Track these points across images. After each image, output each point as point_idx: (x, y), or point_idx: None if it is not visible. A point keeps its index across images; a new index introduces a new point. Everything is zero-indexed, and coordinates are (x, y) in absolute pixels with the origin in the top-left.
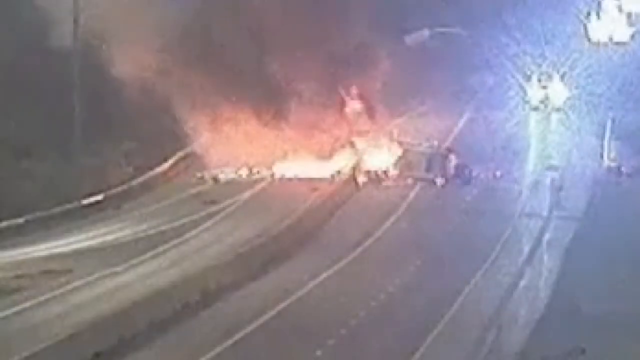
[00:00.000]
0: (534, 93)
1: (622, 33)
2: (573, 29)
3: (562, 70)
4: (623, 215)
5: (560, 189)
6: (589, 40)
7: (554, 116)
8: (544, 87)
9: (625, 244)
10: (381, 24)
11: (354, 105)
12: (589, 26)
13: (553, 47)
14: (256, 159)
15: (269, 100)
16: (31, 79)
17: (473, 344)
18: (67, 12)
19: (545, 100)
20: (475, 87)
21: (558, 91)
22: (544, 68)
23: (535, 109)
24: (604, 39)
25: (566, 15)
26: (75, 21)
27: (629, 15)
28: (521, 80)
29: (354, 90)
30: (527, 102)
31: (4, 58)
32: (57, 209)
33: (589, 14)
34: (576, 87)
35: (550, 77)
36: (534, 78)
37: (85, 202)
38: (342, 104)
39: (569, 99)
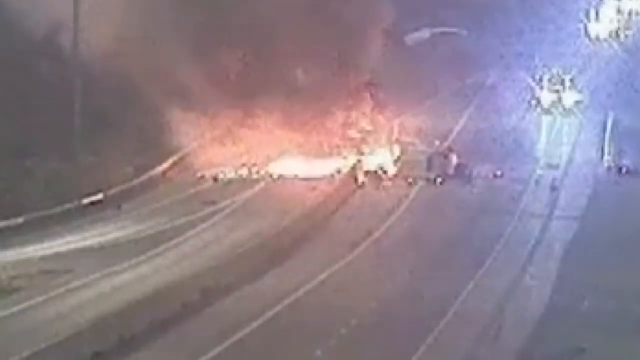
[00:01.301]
0: (546, 96)
1: (621, 32)
2: (575, 27)
3: (566, 69)
4: (623, 214)
5: (560, 188)
6: (588, 38)
7: (558, 117)
8: (556, 91)
9: (625, 242)
10: (381, 23)
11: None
12: (588, 25)
13: (555, 46)
14: (256, 159)
15: (270, 100)
16: (31, 79)
17: (473, 343)
18: (67, 13)
19: (556, 103)
20: (476, 86)
21: (569, 94)
22: (554, 71)
23: (547, 111)
24: (603, 37)
25: (568, 13)
26: (75, 21)
27: (629, 14)
28: (523, 79)
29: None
30: (538, 104)
31: (4, 58)
32: (57, 209)
33: (587, 12)
34: (579, 87)
35: (562, 80)
36: (545, 81)
37: (85, 201)
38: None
39: (578, 102)
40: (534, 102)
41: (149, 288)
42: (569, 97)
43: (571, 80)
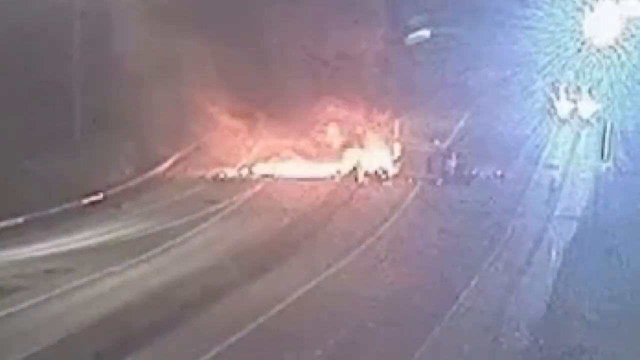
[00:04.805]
0: (563, 105)
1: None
2: (574, 29)
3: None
4: (622, 214)
5: (559, 188)
6: (587, 40)
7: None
8: (574, 101)
9: (625, 241)
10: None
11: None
12: (586, 26)
13: (555, 47)
14: (256, 159)
15: (269, 100)
16: (31, 78)
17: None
18: (68, 10)
19: (574, 113)
20: (477, 87)
21: (587, 103)
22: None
23: (564, 122)
24: (601, 38)
25: (567, 14)
26: (76, 19)
27: (628, 19)
28: (529, 79)
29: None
30: (554, 114)
31: (3, 57)
32: (57, 209)
33: (581, 10)
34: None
35: (579, 89)
36: (562, 90)
37: (85, 201)
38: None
39: (596, 112)
40: (551, 110)
41: (150, 288)
42: (587, 107)
43: (589, 88)
